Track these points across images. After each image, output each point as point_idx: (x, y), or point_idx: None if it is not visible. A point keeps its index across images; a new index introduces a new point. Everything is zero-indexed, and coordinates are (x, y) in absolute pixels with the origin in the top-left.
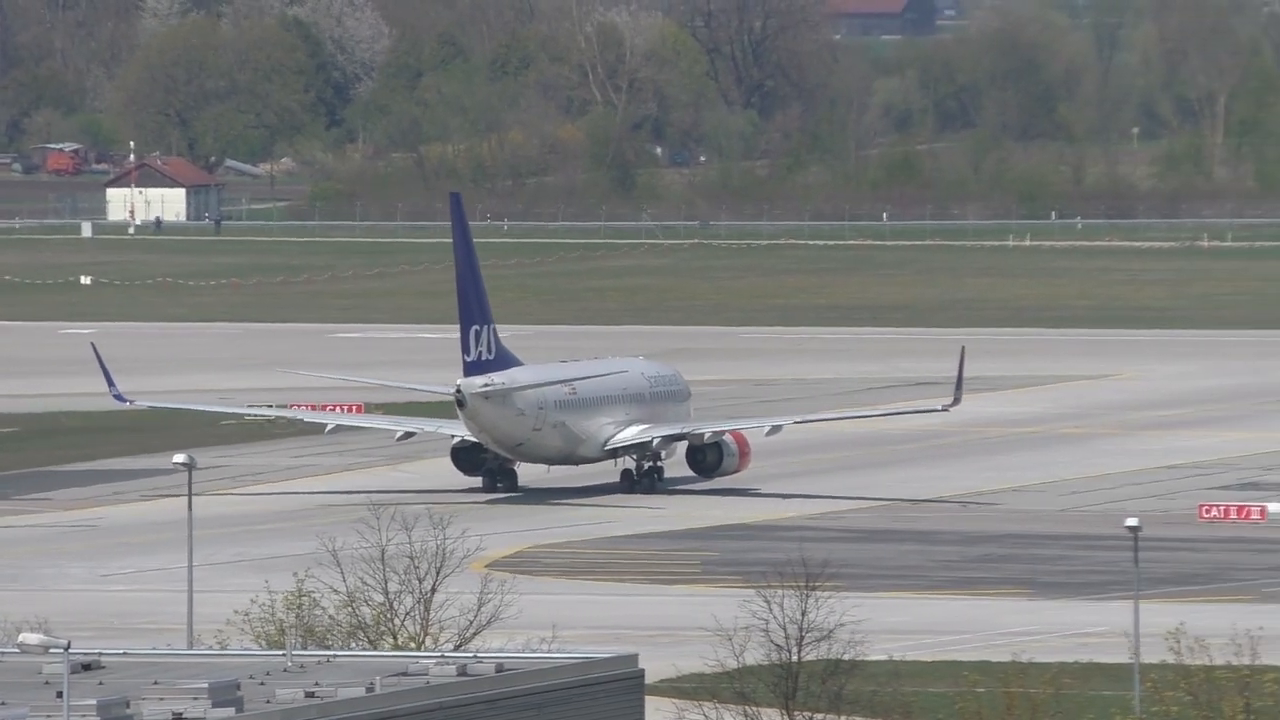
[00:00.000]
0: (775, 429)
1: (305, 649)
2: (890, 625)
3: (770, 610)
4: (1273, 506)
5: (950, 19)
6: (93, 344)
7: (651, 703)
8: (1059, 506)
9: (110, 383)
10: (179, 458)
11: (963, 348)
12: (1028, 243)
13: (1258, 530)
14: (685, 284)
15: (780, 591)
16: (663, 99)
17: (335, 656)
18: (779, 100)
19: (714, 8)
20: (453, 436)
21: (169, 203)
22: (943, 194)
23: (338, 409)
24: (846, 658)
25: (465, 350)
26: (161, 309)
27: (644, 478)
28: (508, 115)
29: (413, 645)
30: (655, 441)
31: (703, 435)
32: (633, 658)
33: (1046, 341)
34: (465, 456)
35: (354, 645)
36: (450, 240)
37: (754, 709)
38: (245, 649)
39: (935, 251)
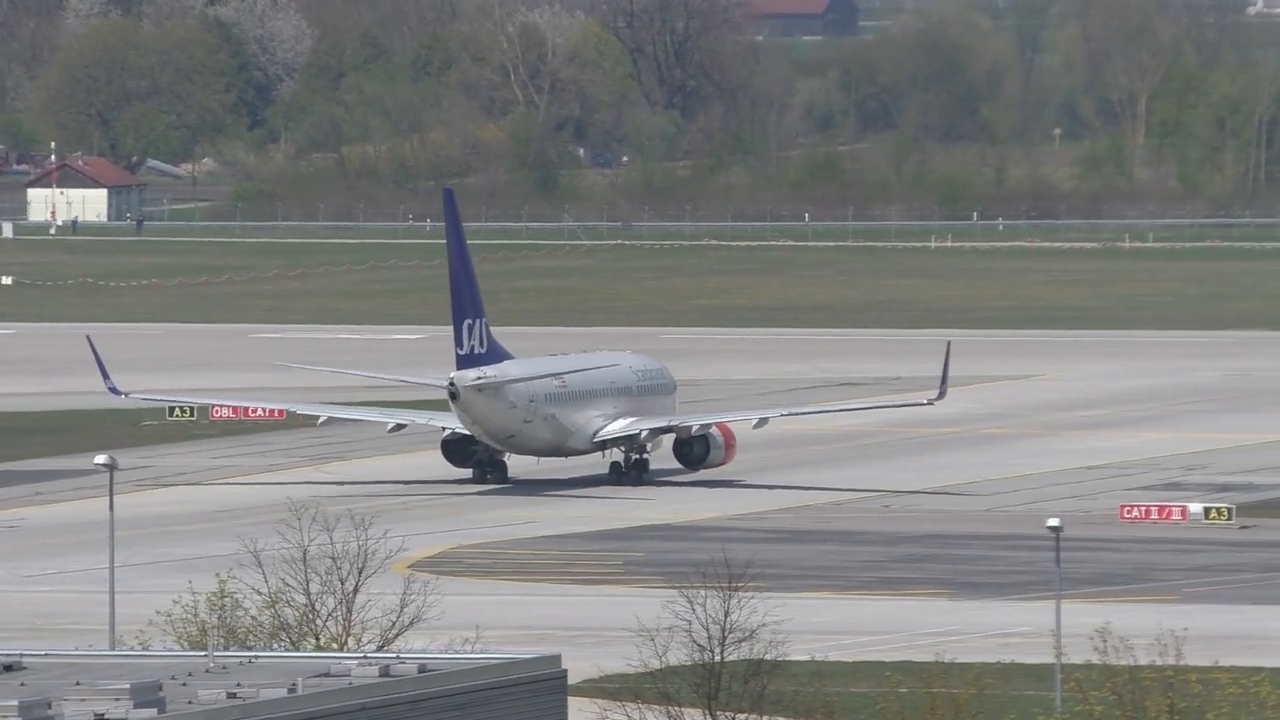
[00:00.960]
0: (762, 422)
1: (227, 650)
2: (813, 625)
3: (693, 610)
4: (1194, 507)
5: (872, 20)
6: (88, 337)
7: (574, 703)
8: (981, 507)
9: (105, 375)
10: (100, 458)
11: (948, 343)
12: (949, 244)
13: (1179, 530)
14: (607, 285)
15: (703, 592)
16: (585, 99)
17: (257, 657)
18: (701, 101)
19: (636, 8)
20: (443, 429)
21: (90, 203)
22: (864, 195)
23: (259, 412)
24: (769, 658)
25: (458, 344)
26: (83, 310)
27: (631, 469)
28: (430, 116)
29: (335, 646)
30: (643, 434)
31: (690, 428)
32: (556, 658)
33: (968, 342)
34: (455, 448)
35: (276, 646)
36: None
37: (677, 709)
38: (167, 650)
39: (857, 252)
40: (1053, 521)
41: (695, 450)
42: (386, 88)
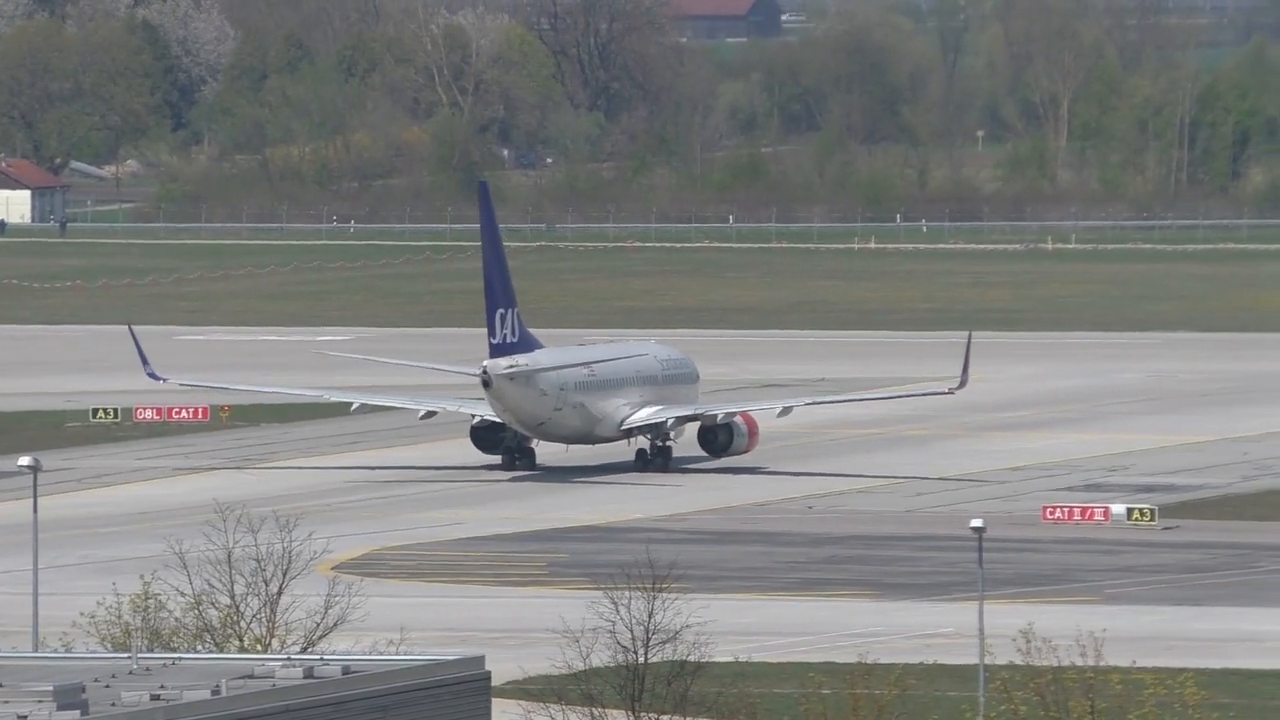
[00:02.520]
0: (785, 411)
1: (151, 651)
2: (736, 626)
3: (617, 612)
4: (1116, 508)
5: (795, 22)
6: (129, 325)
7: (498, 705)
8: (904, 508)
9: (144, 361)
10: (24, 460)
11: (969, 333)
12: (873, 245)
13: (1102, 531)
14: (531, 286)
15: (627, 593)
16: (509, 101)
17: (181, 659)
18: (625, 102)
19: (560, 10)
20: (473, 416)
21: (14, 204)
22: (788, 196)
23: (184, 411)
24: (692, 659)
25: (491, 333)
26: (6, 311)
27: (656, 456)
28: (353, 117)
29: (259, 648)
30: (669, 422)
31: (715, 416)
32: (479, 659)
33: (891, 343)
34: (484, 435)
35: (200, 648)
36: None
37: (600, 710)
38: (91, 652)
39: (781, 254)
40: (976, 522)
41: (719, 438)
42: (310, 89)
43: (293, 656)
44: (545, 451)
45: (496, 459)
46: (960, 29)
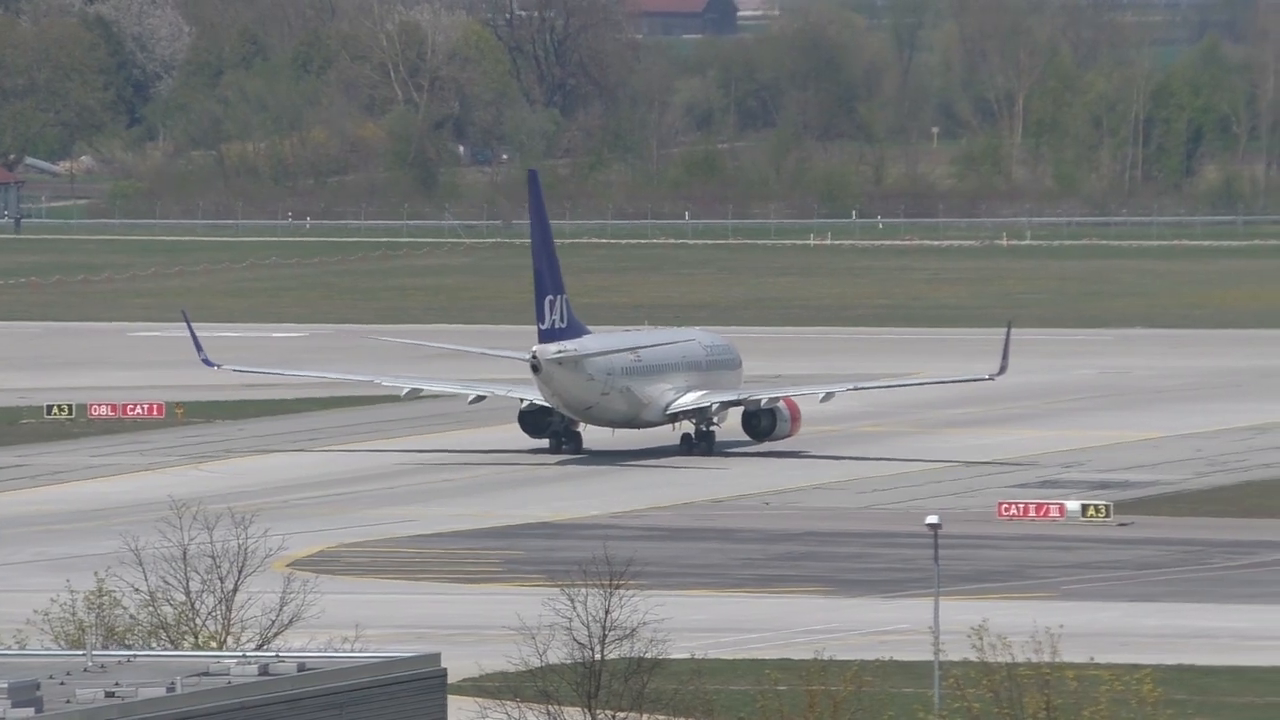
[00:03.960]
0: (828, 396)
1: (106, 649)
2: (692, 623)
3: (573, 609)
4: (1071, 504)
5: (751, 19)
6: (184, 311)
7: (454, 702)
8: (860, 504)
9: (199, 348)
10: None
11: (1009, 321)
12: (828, 242)
13: (1057, 528)
14: (488, 283)
15: (584, 590)
16: (465, 97)
17: (136, 656)
18: (581, 99)
19: (516, 7)
20: (521, 400)
21: None
22: (744, 193)
23: (138, 408)
24: (649, 656)
25: (540, 319)
26: None
27: (701, 440)
28: (309, 114)
29: (214, 645)
30: (714, 407)
31: (759, 401)
32: (435, 656)
33: (847, 340)
34: (532, 419)
35: (155, 645)
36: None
37: (556, 707)
38: (45, 649)
39: (737, 250)
40: (931, 519)
41: (763, 423)
42: (266, 86)
43: (248, 654)
44: (592, 436)
45: (544, 443)
46: (915, 26)
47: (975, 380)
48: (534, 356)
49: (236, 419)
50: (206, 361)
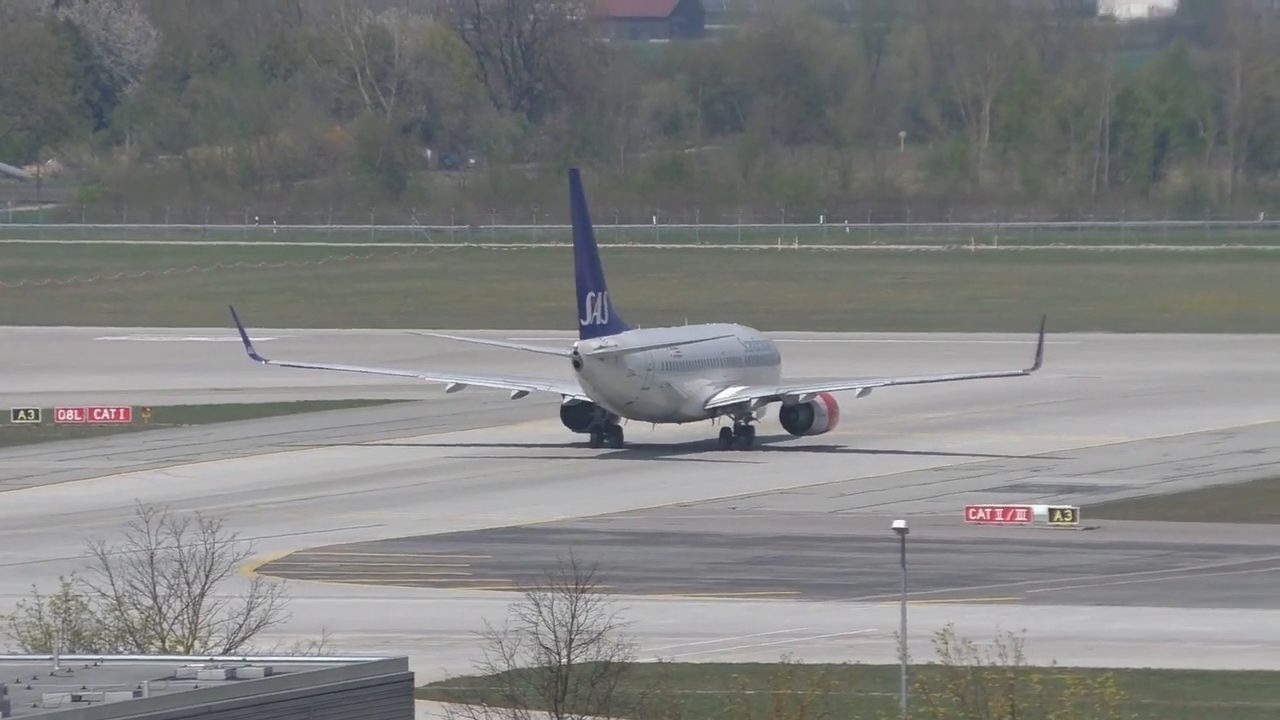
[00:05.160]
0: (865, 391)
1: (73, 653)
2: (659, 627)
3: (540, 613)
4: (1038, 508)
5: (719, 23)
6: (231, 307)
7: (421, 706)
8: (827, 508)
9: (246, 343)
10: None
11: (1043, 315)
12: (796, 246)
13: (1024, 532)
14: (455, 287)
15: (550, 594)
16: (432, 101)
17: (103, 660)
18: (548, 103)
19: (483, 11)
20: (563, 395)
21: None
22: (711, 197)
23: (105, 412)
24: (616, 660)
25: (581, 315)
26: None
27: (740, 435)
28: (276, 118)
29: (181, 649)
30: (752, 401)
31: (797, 396)
32: (402, 661)
33: (814, 344)
34: (574, 414)
35: (122, 649)
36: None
37: (523, 712)
38: (11, 654)
39: (704, 254)
40: (899, 523)
41: (801, 418)
42: (232, 90)
43: (215, 658)
44: (632, 430)
45: (585, 437)
46: (882, 30)
47: (1010, 375)
48: (576, 352)
49: (204, 423)
50: (255, 356)
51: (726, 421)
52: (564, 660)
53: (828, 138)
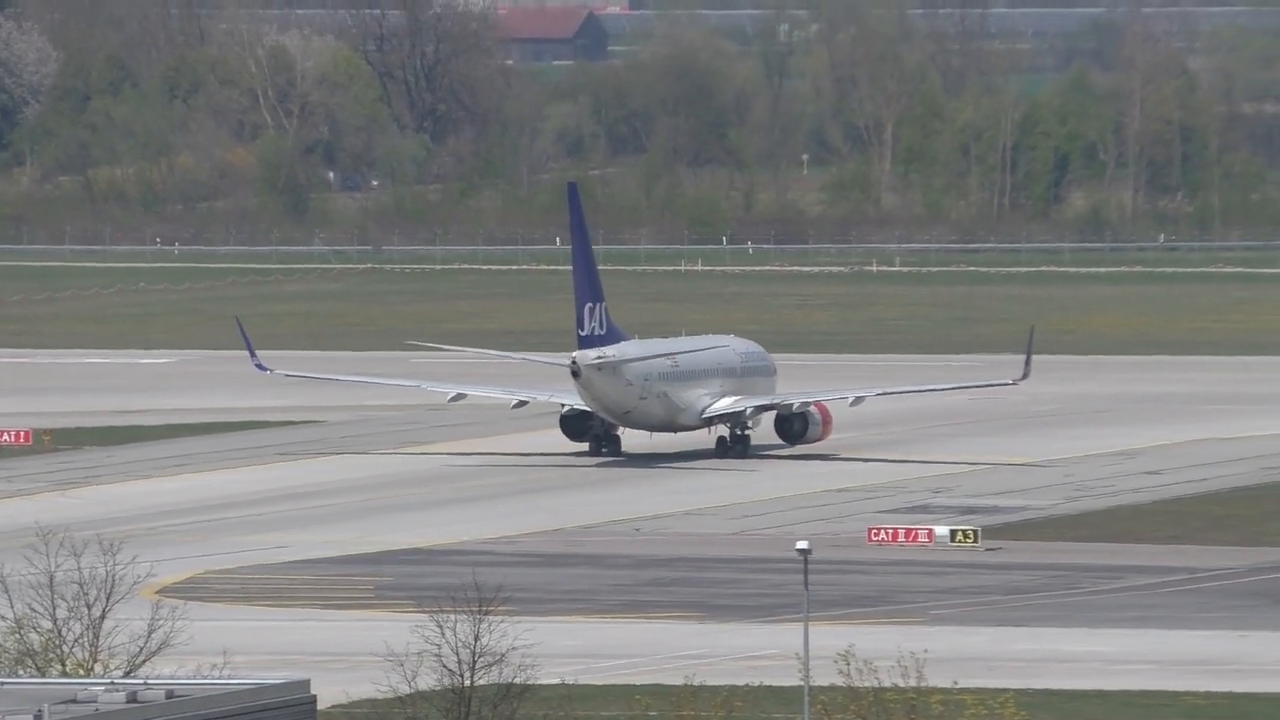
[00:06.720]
0: (858, 400)
1: None
2: (563, 649)
3: (443, 635)
4: (940, 529)
5: (622, 45)
6: (237, 318)
7: None
8: (730, 530)
9: (252, 353)
10: None
11: (1032, 326)
12: (699, 268)
13: (926, 553)
14: (358, 308)
15: (454, 616)
16: (335, 123)
17: (3, 684)
18: (452, 125)
19: (386, 32)
20: (562, 405)
21: None
22: (615, 219)
23: (5, 434)
24: (519, 682)
25: (579, 325)
26: None
27: (736, 444)
28: (178, 139)
29: (81, 672)
30: (748, 411)
31: (791, 405)
32: (305, 683)
33: None
34: (572, 424)
35: (21, 672)
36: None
37: None
38: None
39: (608, 276)
40: (801, 544)
41: (795, 426)
42: (134, 111)
43: (116, 681)
44: (630, 439)
45: (584, 446)
46: (785, 53)
47: (998, 385)
48: (574, 362)
49: (105, 445)
50: (260, 367)
51: (723, 431)
52: (467, 682)
53: (731, 160)
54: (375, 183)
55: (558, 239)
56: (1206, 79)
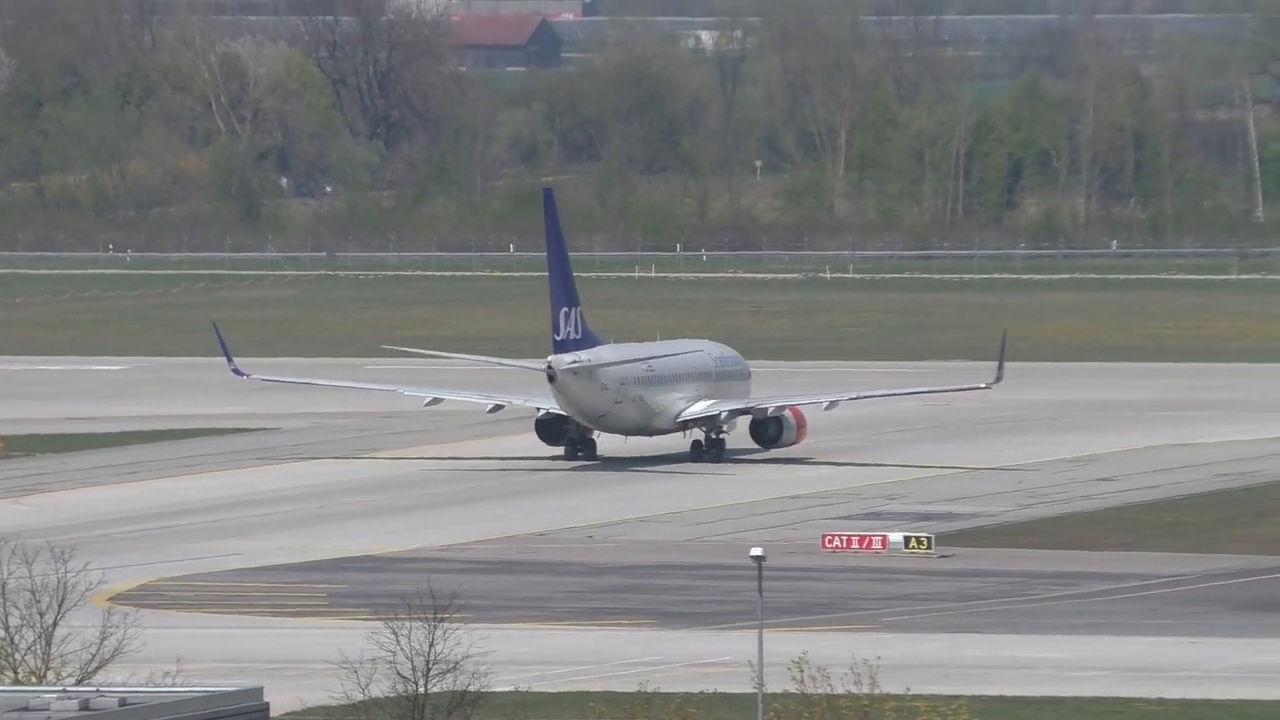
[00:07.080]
0: (832, 404)
1: None
2: (517, 656)
3: (397, 642)
4: (894, 536)
5: (575, 52)
6: (214, 324)
7: None
8: (684, 536)
9: (229, 358)
10: None
11: (1004, 331)
12: (653, 274)
13: (880, 560)
14: (311, 315)
15: (407, 623)
16: (288, 129)
17: None
18: (405, 131)
19: (339, 39)
20: (537, 409)
21: None
22: (569, 225)
23: None
24: (473, 689)
25: (555, 330)
26: None
27: (710, 448)
28: (130, 145)
29: (34, 680)
30: (723, 415)
31: (766, 410)
32: (258, 691)
33: None
34: (548, 428)
35: None
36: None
37: None
38: None
39: None
40: (756, 551)
41: (770, 431)
42: (86, 117)
43: (68, 689)
44: (606, 443)
45: (560, 450)
46: (738, 59)
47: (972, 389)
48: (549, 366)
49: (58, 452)
50: (237, 371)
51: (698, 434)
52: (421, 689)
53: (684, 166)
54: (328, 189)
55: (511, 245)
56: (1159, 86)
